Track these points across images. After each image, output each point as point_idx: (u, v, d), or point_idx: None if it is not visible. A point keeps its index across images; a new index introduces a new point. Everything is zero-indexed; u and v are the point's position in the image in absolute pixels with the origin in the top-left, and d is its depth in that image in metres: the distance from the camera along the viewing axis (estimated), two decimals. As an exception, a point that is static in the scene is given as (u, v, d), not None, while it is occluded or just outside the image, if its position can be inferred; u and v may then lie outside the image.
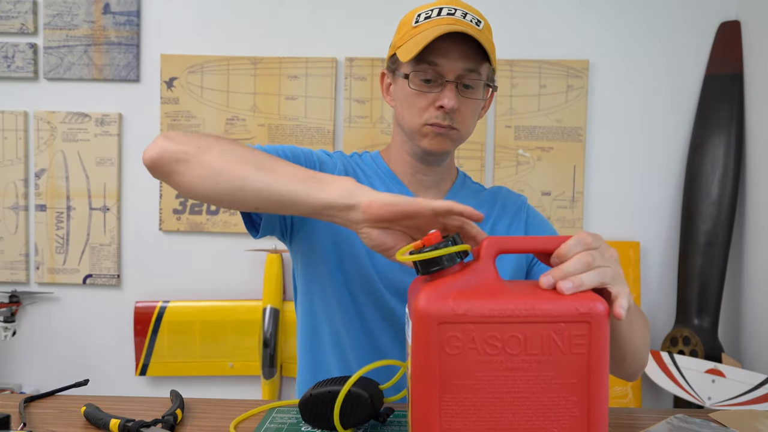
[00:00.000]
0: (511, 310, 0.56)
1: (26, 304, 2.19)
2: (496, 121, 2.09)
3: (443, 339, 0.55)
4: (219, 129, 2.13)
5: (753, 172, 1.94)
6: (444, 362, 0.56)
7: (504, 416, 0.56)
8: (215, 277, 2.16)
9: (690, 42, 2.07)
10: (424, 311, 0.56)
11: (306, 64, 2.11)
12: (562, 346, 0.56)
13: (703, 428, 0.76)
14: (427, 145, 0.92)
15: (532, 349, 0.56)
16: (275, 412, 0.81)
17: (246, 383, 2.13)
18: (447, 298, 0.56)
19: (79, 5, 2.14)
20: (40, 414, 0.80)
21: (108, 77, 2.15)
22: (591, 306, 0.56)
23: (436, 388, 0.56)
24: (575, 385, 0.56)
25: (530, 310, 0.56)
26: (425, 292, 0.57)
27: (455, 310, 0.56)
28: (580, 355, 0.56)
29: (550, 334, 0.56)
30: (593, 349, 0.56)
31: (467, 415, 0.56)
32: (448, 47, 0.87)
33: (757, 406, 1.64)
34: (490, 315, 0.56)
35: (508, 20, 2.09)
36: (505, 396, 0.56)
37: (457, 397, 0.56)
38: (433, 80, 0.89)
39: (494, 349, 0.56)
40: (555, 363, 0.56)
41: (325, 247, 0.93)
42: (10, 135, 2.16)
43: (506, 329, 0.56)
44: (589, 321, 0.56)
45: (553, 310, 0.56)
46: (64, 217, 2.16)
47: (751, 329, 1.91)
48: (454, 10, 0.90)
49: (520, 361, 0.56)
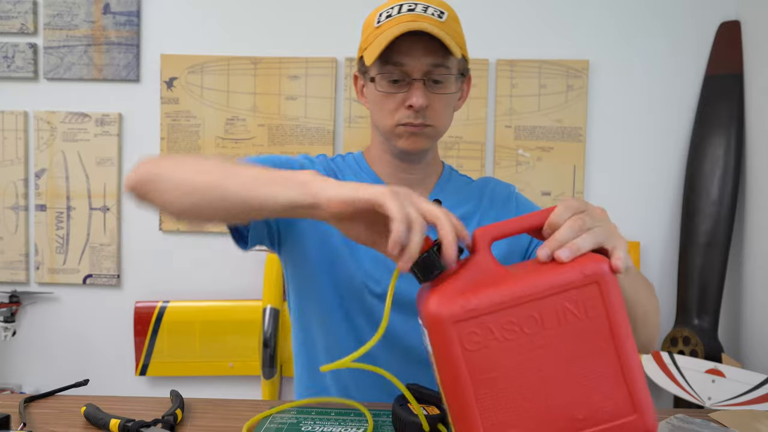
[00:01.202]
0: (519, 292, 0.56)
1: (26, 304, 2.19)
2: (496, 121, 2.09)
3: (462, 337, 0.55)
4: (219, 129, 2.13)
5: (753, 172, 1.94)
6: (469, 360, 0.55)
7: (542, 396, 0.56)
8: (215, 277, 2.16)
9: (690, 42, 2.07)
10: (435, 316, 0.56)
11: (306, 64, 2.11)
12: (577, 313, 0.56)
13: (703, 428, 0.76)
14: (402, 144, 0.92)
15: (549, 324, 0.56)
16: (275, 412, 0.81)
17: (246, 383, 2.13)
18: (454, 297, 0.56)
19: (79, 5, 2.14)
20: (40, 414, 0.80)
21: (108, 77, 2.15)
22: (595, 267, 0.56)
23: (469, 387, 0.55)
24: (602, 348, 0.56)
25: (537, 286, 0.56)
26: (432, 298, 0.57)
27: (465, 307, 0.55)
28: (597, 317, 0.56)
29: (563, 304, 0.56)
30: (609, 308, 0.56)
31: (507, 406, 0.55)
32: (411, 45, 0.86)
33: (757, 406, 1.64)
34: (500, 302, 0.56)
35: (508, 20, 2.09)
36: (537, 377, 0.56)
37: (492, 390, 0.55)
38: (401, 80, 0.88)
39: (513, 334, 0.55)
40: (575, 331, 0.56)
41: (312, 253, 0.93)
42: (10, 135, 2.16)
43: (520, 311, 0.56)
44: (597, 281, 0.56)
45: (559, 280, 0.56)
46: (64, 217, 2.16)
47: (751, 329, 1.91)
48: (414, 5, 0.88)
49: (542, 339, 0.56)
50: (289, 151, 2.12)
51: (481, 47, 2.09)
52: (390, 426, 0.76)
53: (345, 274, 0.93)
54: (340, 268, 0.93)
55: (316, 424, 0.77)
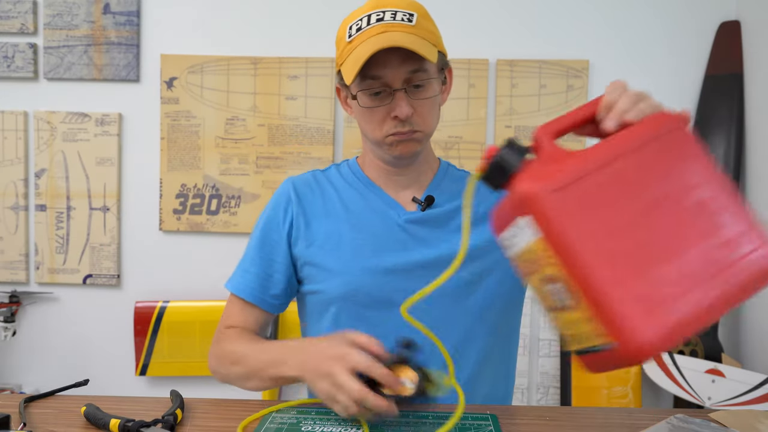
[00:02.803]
0: (608, 150, 0.56)
1: (26, 304, 2.19)
2: (496, 121, 2.09)
3: (566, 203, 0.53)
4: (219, 129, 2.13)
5: (753, 172, 1.94)
6: (579, 223, 0.53)
7: (670, 227, 0.54)
8: (215, 277, 2.15)
9: (690, 42, 2.07)
10: (533, 191, 0.54)
11: (306, 64, 2.11)
12: (670, 158, 0.56)
13: (703, 428, 0.76)
14: (395, 152, 0.93)
15: (648, 175, 0.55)
16: (275, 412, 0.81)
17: (246, 383, 2.13)
18: (543, 174, 0.55)
19: (79, 5, 2.14)
20: (40, 414, 0.80)
21: (108, 77, 2.15)
22: (668, 117, 0.58)
23: (592, 245, 0.52)
24: (702, 184, 0.55)
25: (624, 141, 0.56)
26: (521, 182, 0.56)
27: (559, 175, 0.54)
28: (689, 156, 0.56)
29: (653, 155, 0.56)
30: (693, 148, 0.56)
31: (637, 245, 0.53)
32: (387, 56, 0.85)
33: (757, 406, 1.64)
34: (594, 163, 0.55)
35: (508, 20, 2.09)
36: (657, 230, 0.53)
37: (612, 239, 0.52)
38: (382, 91, 0.89)
39: (616, 191, 0.54)
40: (674, 176, 0.55)
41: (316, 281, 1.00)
42: (10, 135, 2.16)
43: (614, 169, 0.55)
44: (677, 128, 0.57)
45: (640, 134, 0.57)
46: (64, 217, 2.16)
47: (751, 329, 1.91)
48: (382, 13, 0.88)
49: (646, 192, 0.54)
50: (288, 150, 2.12)
51: (481, 47, 2.09)
52: (390, 426, 0.76)
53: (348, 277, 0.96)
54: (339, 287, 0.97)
55: (316, 424, 0.77)
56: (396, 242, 0.94)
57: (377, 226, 0.96)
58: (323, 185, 1.01)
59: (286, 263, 0.99)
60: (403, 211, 0.97)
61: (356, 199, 0.99)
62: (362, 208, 0.98)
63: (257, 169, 2.13)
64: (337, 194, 1.00)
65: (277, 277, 0.99)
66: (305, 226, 0.98)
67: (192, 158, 2.14)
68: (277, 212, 1.00)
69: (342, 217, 0.97)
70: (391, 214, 0.97)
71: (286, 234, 0.99)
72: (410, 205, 0.98)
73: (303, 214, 0.99)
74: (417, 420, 0.78)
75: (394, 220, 0.96)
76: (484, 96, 2.09)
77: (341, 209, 0.98)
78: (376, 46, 0.83)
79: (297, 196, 1.00)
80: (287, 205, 1.00)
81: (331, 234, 0.96)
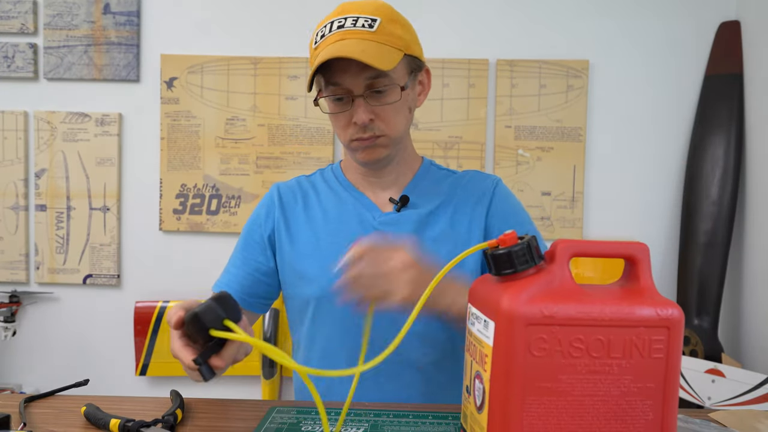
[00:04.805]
0: (596, 313, 0.56)
1: (26, 304, 2.19)
2: (496, 121, 2.09)
3: (530, 341, 0.55)
4: (219, 129, 2.13)
5: (753, 172, 1.94)
6: (530, 364, 0.55)
7: (584, 419, 0.56)
8: (215, 277, 2.14)
9: (690, 42, 2.07)
10: (512, 312, 0.56)
11: (306, 64, 2.11)
12: (642, 350, 0.57)
13: (703, 428, 0.76)
14: (360, 158, 0.94)
15: (614, 353, 0.56)
16: (275, 412, 0.81)
17: (246, 383, 2.13)
18: (533, 300, 0.56)
19: (79, 5, 2.14)
20: (40, 414, 0.80)
21: (108, 77, 2.15)
22: (670, 312, 0.57)
23: (519, 389, 0.56)
24: (652, 389, 0.57)
25: (614, 313, 0.56)
26: (510, 294, 0.57)
27: (543, 312, 0.56)
28: (658, 359, 0.57)
29: (632, 338, 0.56)
30: (670, 354, 0.57)
31: (549, 418, 0.56)
32: (347, 63, 0.85)
33: (757, 406, 1.64)
34: (576, 318, 0.56)
35: (508, 20, 2.09)
36: (586, 399, 0.56)
37: (540, 399, 0.56)
38: (344, 97, 0.89)
39: (579, 352, 0.56)
40: (635, 367, 0.57)
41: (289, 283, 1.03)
42: (10, 135, 2.15)
43: (591, 332, 0.56)
44: (668, 326, 0.57)
45: (636, 314, 0.57)
46: (64, 217, 2.16)
47: (751, 329, 1.91)
48: (344, 20, 0.87)
49: (602, 365, 0.56)
50: (288, 150, 2.12)
51: (481, 47, 2.09)
52: (390, 426, 0.76)
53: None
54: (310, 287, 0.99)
55: (316, 424, 0.77)
56: None
57: (354, 229, 0.97)
58: (306, 192, 1.04)
59: (268, 265, 1.02)
60: (379, 213, 0.99)
61: (336, 204, 1.01)
62: (341, 212, 1.00)
63: (257, 169, 2.13)
64: (318, 200, 1.03)
65: (258, 277, 1.03)
66: (286, 232, 1.01)
67: (192, 158, 2.14)
68: (261, 217, 1.04)
69: (320, 223, 1.00)
70: (367, 217, 0.99)
71: (267, 238, 1.02)
72: (387, 206, 1.00)
73: (284, 220, 1.02)
74: (417, 420, 0.78)
75: (370, 222, 0.98)
76: (484, 96, 2.09)
77: (320, 215, 1.01)
78: (329, 54, 0.83)
79: (281, 202, 1.03)
80: (271, 211, 1.03)
81: (309, 240, 0.99)
